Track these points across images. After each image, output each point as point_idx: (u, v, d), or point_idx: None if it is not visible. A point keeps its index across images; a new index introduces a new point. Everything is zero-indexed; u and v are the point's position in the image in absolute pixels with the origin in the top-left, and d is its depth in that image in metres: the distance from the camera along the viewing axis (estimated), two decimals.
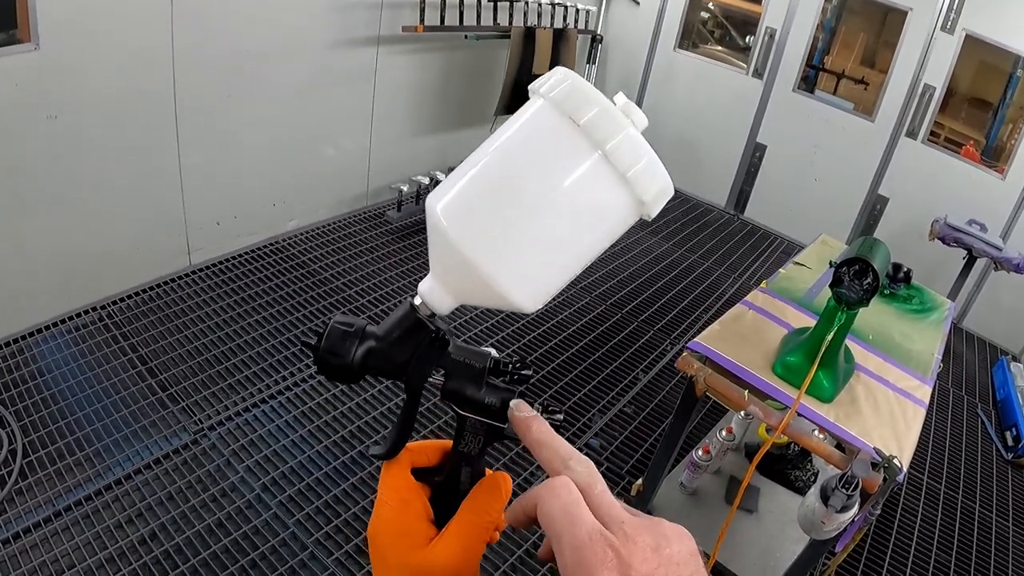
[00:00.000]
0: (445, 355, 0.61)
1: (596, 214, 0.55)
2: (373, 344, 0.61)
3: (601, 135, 0.52)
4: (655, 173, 0.54)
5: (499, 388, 0.60)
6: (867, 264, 1.97)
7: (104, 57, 2.85)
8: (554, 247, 0.56)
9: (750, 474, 2.07)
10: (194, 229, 3.56)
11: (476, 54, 4.71)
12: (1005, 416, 4.04)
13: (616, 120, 0.52)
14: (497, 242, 0.55)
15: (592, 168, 0.53)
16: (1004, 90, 4.78)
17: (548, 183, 0.54)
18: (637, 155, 0.53)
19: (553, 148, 0.54)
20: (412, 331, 0.61)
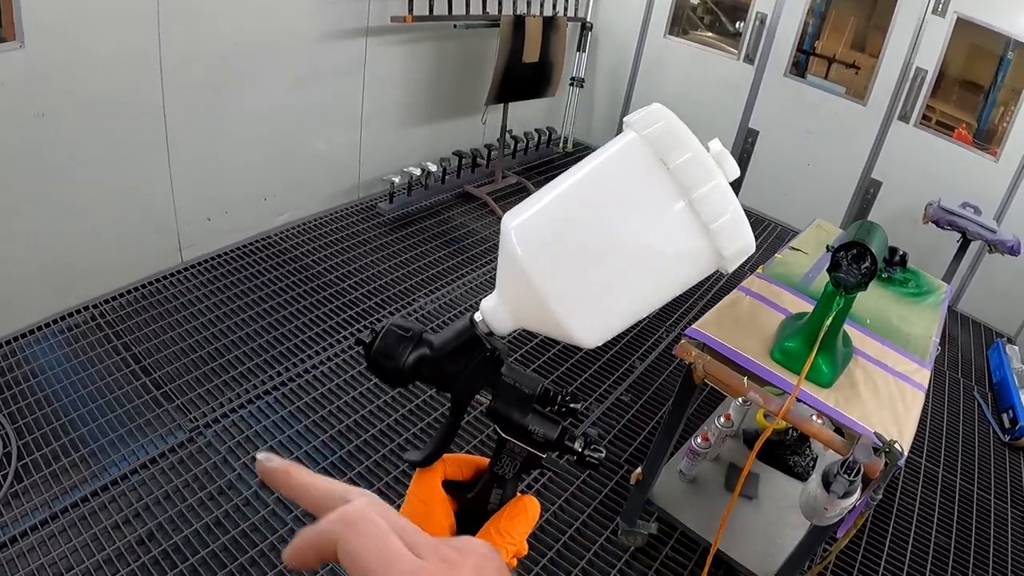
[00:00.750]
0: (497, 375, 0.60)
1: (672, 261, 0.55)
2: (427, 352, 0.60)
3: (690, 182, 0.51)
4: (740, 230, 0.53)
5: (546, 418, 0.59)
6: (865, 248, 1.95)
7: (91, 54, 2.83)
8: (624, 288, 0.55)
9: (751, 461, 2.06)
10: (185, 226, 3.53)
11: (466, 43, 4.68)
12: (1001, 398, 4.05)
13: (707, 167, 0.51)
14: (567, 275, 0.54)
15: (676, 215, 0.52)
16: (996, 72, 4.77)
17: (629, 223, 0.53)
18: (724, 207, 0.52)
19: (638, 187, 0.53)
20: (467, 346, 0.60)
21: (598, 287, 0.55)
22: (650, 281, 0.55)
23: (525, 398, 0.59)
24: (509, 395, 0.59)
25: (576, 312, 0.55)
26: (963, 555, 2.97)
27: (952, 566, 2.90)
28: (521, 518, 0.57)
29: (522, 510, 0.58)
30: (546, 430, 0.58)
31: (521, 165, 5.60)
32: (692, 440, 2.62)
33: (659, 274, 0.55)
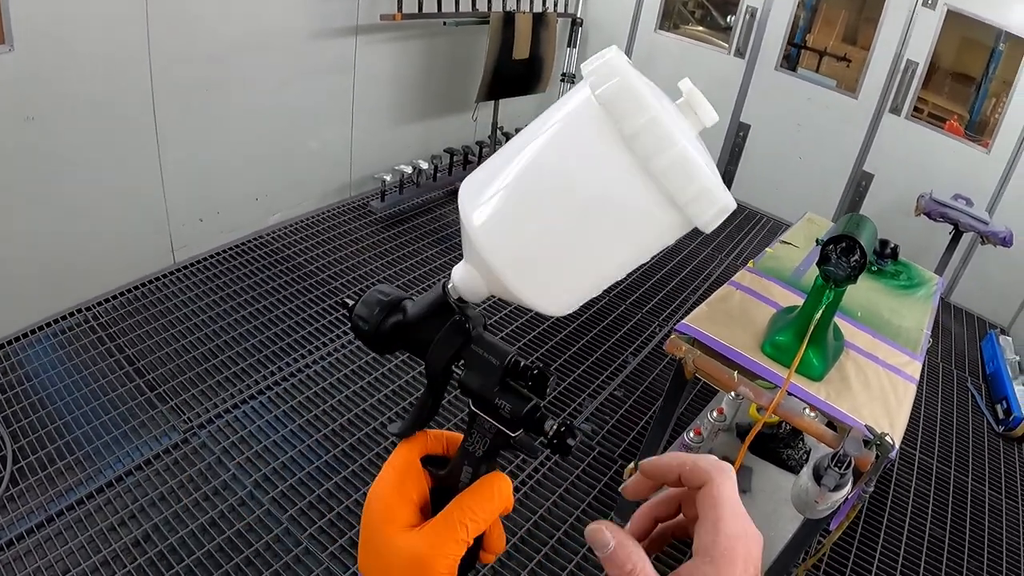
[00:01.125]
0: (467, 345, 0.58)
1: (636, 231, 0.51)
2: (402, 318, 0.60)
3: (648, 151, 0.46)
4: (709, 199, 0.48)
5: (517, 393, 0.56)
6: (854, 241, 1.96)
7: (80, 56, 2.82)
8: (586, 259, 0.52)
9: (743, 454, 2.07)
10: (177, 226, 3.53)
11: (455, 41, 4.68)
12: (995, 389, 4.06)
13: (665, 133, 0.46)
14: (522, 248, 0.52)
15: (636, 186, 0.48)
16: (987, 64, 4.78)
17: (584, 193, 0.50)
18: (688, 179, 0.47)
19: (593, 156, 0.49)
20: (438, 312, 0.59)
21: (556, 259, 0.52)
22: (613, 249, 0.52)
23: (492, 370, 0.57)
24: (478, 366, 0.57)
25: (535, 284, 0.53)
26: (958, 546, 2.98)
27: (947, 558, 2.91)
28: (486, 494, 0.56)
29: (488, 486, 0.57)
30: (514, 405, 0.55)
31: None
32: (685, 434, 2.64)
33: (623, 243, 0.52)
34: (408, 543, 0.54)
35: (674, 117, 0.50)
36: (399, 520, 0.55)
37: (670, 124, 0.46)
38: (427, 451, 0.61)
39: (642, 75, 0.52)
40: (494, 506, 0.56)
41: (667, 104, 0.51)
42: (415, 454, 0.60)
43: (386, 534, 0.55)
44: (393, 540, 0.54)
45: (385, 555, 0.54)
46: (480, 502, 0.56)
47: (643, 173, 0.47)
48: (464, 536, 0.54)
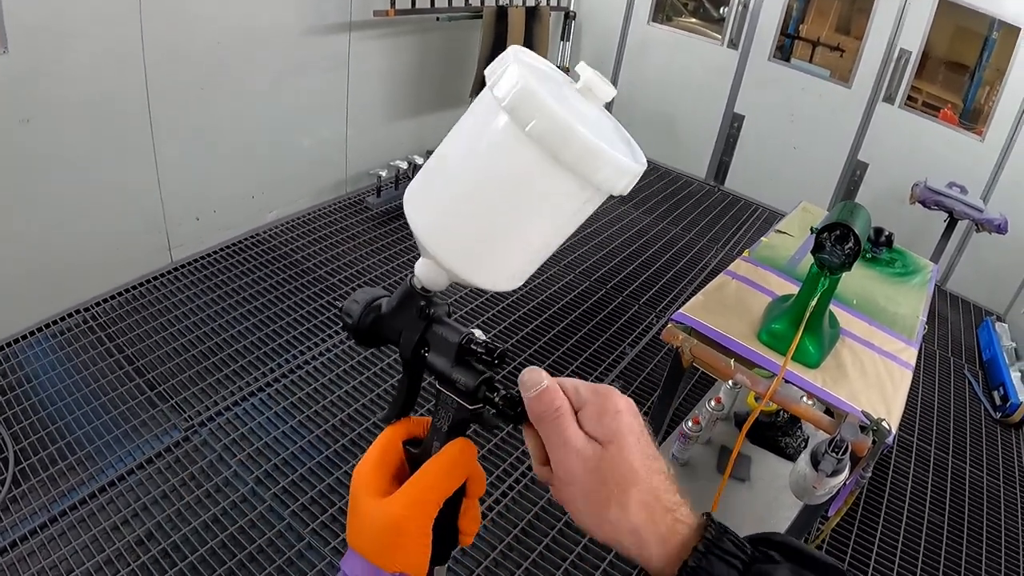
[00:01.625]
0: (428, 328, 0.63)
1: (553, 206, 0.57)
2: (380, 312, 0.67)
3: (555, 147, 0.52)
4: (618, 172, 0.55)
5: (472, 368, 0.62)
6: (848, 229, 1.98)
7: (75, 58, 2.82)
8: (514, 239, 0.59)
9: (740, 443, 2.09)
10: (173, 226, 3.53)
11: (449, 36, 4.68)
12: (992, 376, 4.08)
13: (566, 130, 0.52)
14: (457, 236, 0.59)
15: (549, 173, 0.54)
16: (980, 53, 4.79)
17: (502, 184, 0.56)
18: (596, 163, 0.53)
19: (505, 153, 0.55)
20: (405, 302, 0.65)
21: (490, 243, 0.59)
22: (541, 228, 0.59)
23: (449, 348, 0.62)
24: (438, 346, 0.63)
25: (477, 267, 0.60)
26: (957, 532, 3.00)
27: (946, 542, 2.93)
28: (445, 459, 0.61)
29: (447, 452, 0.62)
30: (467, 379, 0.61)
31: None
32: (683, 424, 2.65)
33: (546, 220, 0.58)
34: (382, 507, 0.59)
35: (574, 102, 0.57)
36: (376, 489, 0.61)
37: (568, 118, 0.52)
38: (409, 434, 0.67)
39: (542, 65, 0.61)
40: (455, 469, 0.61)
41: (567, 91, 0.59)
42: (397, 436, 0.67)
43: (364, 501, 0.61)
44: (369, 505, 0.60)
45: (364, 519, 0.60)
46: (440, 466, 0.61)
47: (554, 163, 0.53)
48: (431, 497, 0.59)
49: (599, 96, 0.58)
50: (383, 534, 0.58)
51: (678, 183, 5.86)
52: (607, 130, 0.59)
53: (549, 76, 0.60)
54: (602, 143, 0.52)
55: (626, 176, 0.55)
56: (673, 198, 5.57)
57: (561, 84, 0.60)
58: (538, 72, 0.58)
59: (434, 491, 0.60)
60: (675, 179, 5.92)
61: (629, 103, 6.04)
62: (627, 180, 0.55)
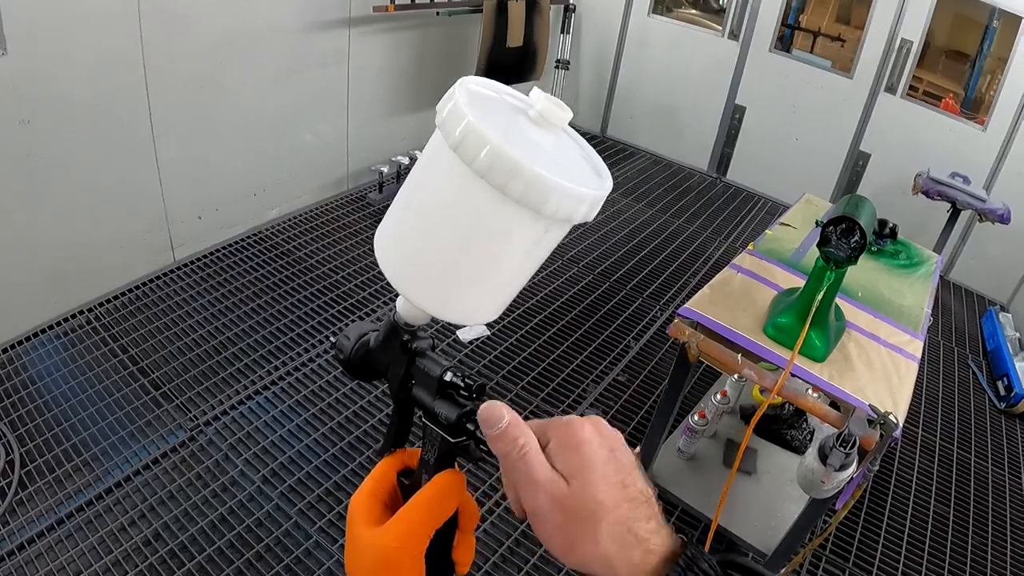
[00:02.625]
0: (412, 363, 0.64)
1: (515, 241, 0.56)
2: (368, 347, 0.68)
3: (500, 182, 0.51)
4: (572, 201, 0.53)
5: (454, 401, 0.62)
6: (854, 222, 1.97)
7: (74, 58, 2.81)
8: (482, 276, 0.59)
9: (748, 436, 2.08)
10: (176, 224, 3.53)
11: (449, 30, 4.67)
12: (996, 366, 4.07)
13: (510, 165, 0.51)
14: (426, 277, 0.59)
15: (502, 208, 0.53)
16: (981, 42, 4.78)
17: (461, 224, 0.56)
18: (544, 195, 0.52)
19: (458, 193, 0.55)
20: (390, 337, 0.65)
21: (459, 282, 0.59)
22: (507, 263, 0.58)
23: (431, 381, 0.62)
24: (421, 380, 0.63)
25: (451, 307, 0.60)
26: (962, 523, 3.00)
27: (952, 534, 2.93)
28: (433, 489, 0.61)
29: (435, 483, 0.62)
30: (447, 412, 0.61)
31: None
32: (689, 417, 2.65)
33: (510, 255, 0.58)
34: (375, 537, 0.60)
35: (527, 132, 0.56)
36: (370, 519, 0.62)
37: (511, 151, 0.50)
38: (404, 465, 0.68)
39: (498, 93, 0.60)
40: (443, 500, 0.61)
41: (521, 121, 0.57)
42: (390, 467, 0.67)
43: (358, 531, 0.61)
44: (364, 536, 0.61)
45: (360, 550, 0.61)
46: (428, 497, 0.61)
47: (503, 198, 0.52)
48: (420, 529, 0.59)
49: (554, 123, 0.57)
50: (377, 565, 0.59)
51: (680, 175, 5.85)
52: (566, 157, 0.58)
53: (503, 105, 0.59)
54: (549, 173, 0.51)
55: (583, 203, 0.54)
56: (675, 190, 5.56)
57: (516, 113, 0.58)
58: (488, 104, 0.57)
59: (423, 523, 0.60)
60: (676, 171, 5.91)
61: (629, 95, 6.03)
62: (585, 207, 0.54)
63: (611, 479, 0.54)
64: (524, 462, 0.55)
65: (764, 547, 2.41)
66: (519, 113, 0.58)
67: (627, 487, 0.55)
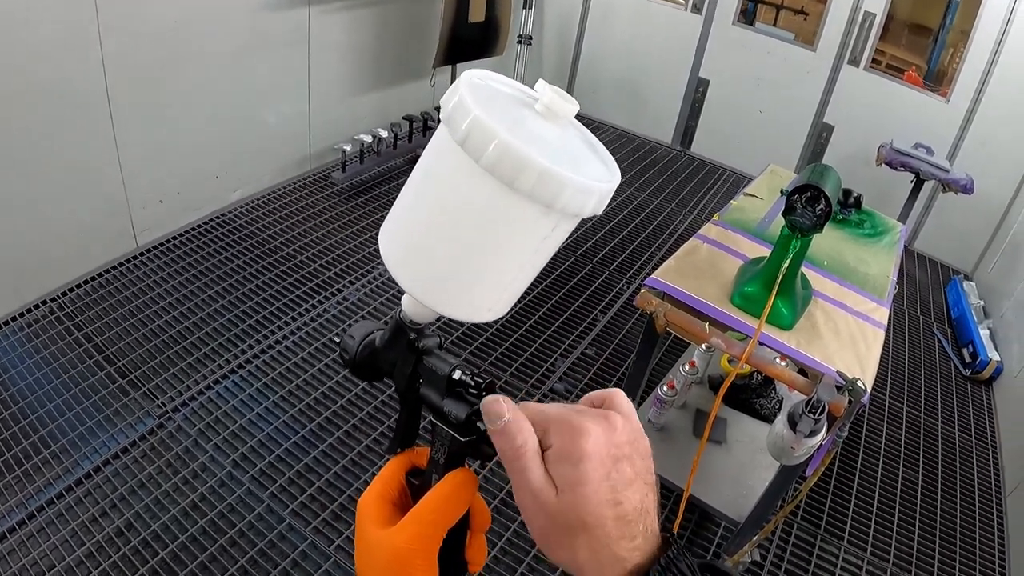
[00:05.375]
0: (419, 361, 0.63)
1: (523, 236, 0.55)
2: (375, 346, 0.67)
3: (508, 177, 0.50)
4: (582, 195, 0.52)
5: (463, 400, 0.61)
6: (819, 190, 1.98)
7: (29, 41, 2.73)
8: (488, 273, 0.58)
9: (717, 406, 2.10)
10: (137, 210, 3.47)
11: (409, 7, 4.63)
12: (960, 334, 4.14)
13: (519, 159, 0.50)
14: (432, 275, 0.58)
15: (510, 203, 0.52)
16: (944, 15, 4.82)
17: (468, 220, 0.54)
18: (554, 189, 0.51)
19: (464, 187, 0.53)
20: (397, 336, 0.65)
21: (464, 278, 0.58)
22: (514, 259, 0.57)
23: (439, 380, 0.62)
24: (429, 379, 0.63)
25: (456, 303, 0.59)
26: (931, 488, 3.05)
27: (920, 498, 2.98)
28: (444, 488, 0.60)
29: (446, 482, 0.61)
30: (456, 410, 0.60)
31: None
32: (659, 389, 2.66)
33: (519, 251, 0.57)
34: (386, 538, 0.59)
35: (531, 125, 0.55)
36: (380, 520, 0.61)
37: (520, 145, 0.50)
38: (412, 465, 0.67)
39: (501, 85, 0.60)
40: (454, 500, 0.60)
41: (526, 113, 0.57)
42: (399, 467, 0.66)
43: (369, 532, 0.61)
44: (375, 536, 0.60)
45: (371, 551, 0.60)
46: (440, 496, 0.60)
47: (512, 192, 0.51)
48: (431, 530, 0.59)
49: (560, 115, 0.56)
50: (390, 566, 0.59)
51: (644, 149, 5.86)
52: (573, 149, 0.57)
53: (507, 98, 0.58)
54: (559, 167, 0.50)
55: (592, 196, 0.53)
56: (639, 164, 5.57)
57: (521, 106, 0.58)
58: (493, 97, 0.56)
59: (436, 523, 0.59)
60: (641, 145, 5.92)
61: (592, 70, 6.02)
62: (595, 200, 0.53)
63: (603, 497, 0.53)
64: (520, 463, 0.55)
65: (736, 515, 2.44)
66: (524, 106, 0.58)
67: (620, 504, 0.54)
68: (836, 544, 2.71)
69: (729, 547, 2.47)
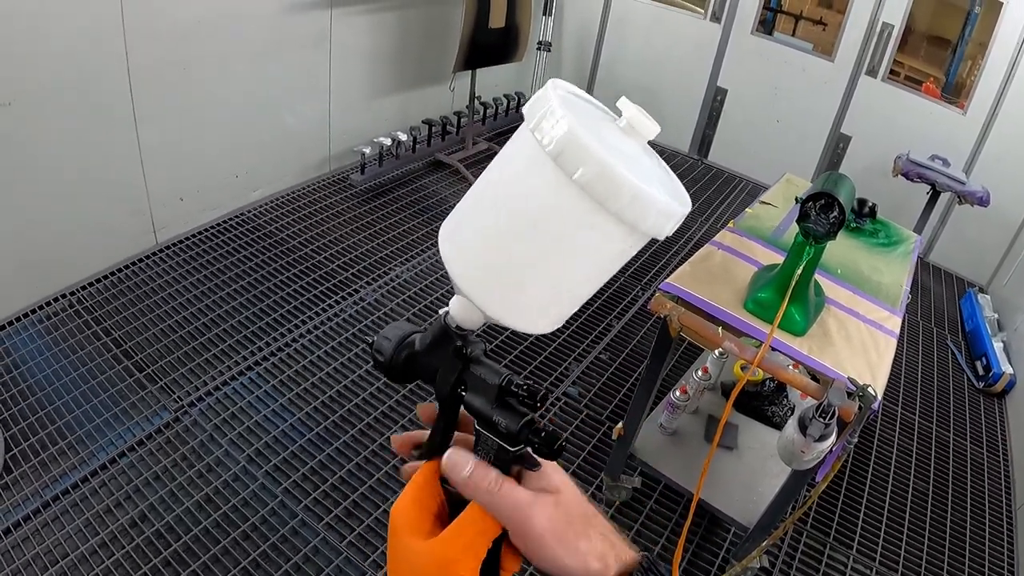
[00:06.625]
0: (466, 368, 0.62)
1: (596, 252, 0.55)
2: (413, 349, 0.65)
3: (602, 196, 0.50)
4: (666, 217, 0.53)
5: (512, 410, 0.60)
6: (833, 198, 1.99)
7: (54, 39, 2.78)
8: (556, 284, 0.57)
9: (727, 411, 2.11)
10: (158, 207, 3.51)
11: (431, 11, 4.67)
12: (974, 346, 4.13)
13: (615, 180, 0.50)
14: (497, 281, 0.57)
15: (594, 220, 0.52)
16: (963, 27, 4.81)
17: (546, 229, 0.54)
18: (643, 210, 0.51)
19: (549, 198, 0.53)
20: (440, 341, 0.63)
21: (530, 288, 0.57)
22: (583, 273, 0.57)
23: (489, 389, 0.60)
24: (476, 387, 0.61)
25: (514, 311, 0.58)
26: (941, 499, 3.05)
27: (931, 509, 2.98)
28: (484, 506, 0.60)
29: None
30: (509, 421, 0.59)
31: (491, 131, 5.58)
32: (671, 394, 2.67)
33: (588, 266, 0.56)
34: (430, 548, 0.57)
35: (614, 140, 0.55)
36: (420, 529, 0.59)
37: (617, 165, 0.49)
38: None
39: (581, 97, 0.59)
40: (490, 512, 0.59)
41: (606, 127, 0.56)
42: (435, 472, 0.63)
43: (408, 543, 0.59)
44: (415, 546, 0.58)
45: (411, 561, 0.58)
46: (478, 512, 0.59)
47: (600, 211, 0.51)
48: (481, 539, 0.58)
49: (642, 134, 0.56)
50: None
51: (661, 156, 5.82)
52: (648, 168, 0.58)
53: (589, 111, 0.58)
54: (651, 189, 0.51)
55: (672, 219, 0.53)
56: None
57: (600, 120, 0.57)
58: (580, 110, 0.55)
59: (484, 532, 0.58)
60: (658, 153, 5.89)
61: (611, 77, 6.03)
62: (673, 223, 0.54)
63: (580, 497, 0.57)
64: (503, 491, 0.57)
65: (746, 520, 2.44)
66: (604, 120, 0.58)
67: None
68: (845, 552, 2.72)
69: (738, 552, 2.47)
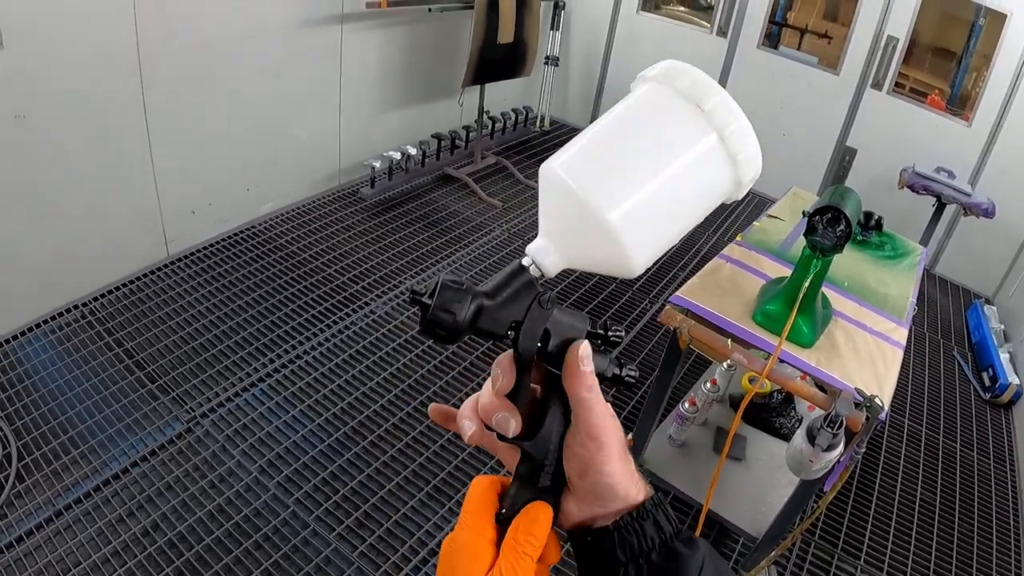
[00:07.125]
0: (552, 317, 0.61)
1: (704, 187, 0.60)
2: (483, 302, 0.59)
3: (720, 123, 0.58)
4: (756, 160, 0.61)
5: (603, 355, 0.63)
6: (839, 211, 2.01)
7: (70, 52, 2.82)
8: (677, 220, 0.61)
9: (736, 423, 2.12)
10: (170, 219, 3.55)
11: (440, 26, 4.71)
12: (981, 358, 4.13)
13: (732, 109, 0.58)
14: (618, 200, 0.57)
15: (708, 147, 0.58)
16: (967, 39, 4.83)
17: (669, 153, 0.59)
18: (745, 142, 0.59)
19: (675, 125, 0.59)
20: (522, 292, 0.60)
21: (644, 209, 0.57)
22: (687, 203, 0.60)
23: (579, 333, 0.61)
24: (561, 334, 0.61)
25: (629, 234, 0.57)
26: (948, 510, 3.05)
27: (938, 520, 2.98)
28: (534, 522, 0.59)
29: (533, 516, 0.59)
30: (602, 365, 0.62)
31: (499, 145, 5.63)
32: (680, 405, 2.69)
33: (700, 203, 0.61)
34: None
35: None
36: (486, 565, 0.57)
37: (733, 102, 0.59)
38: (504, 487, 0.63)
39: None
40: (543, 531, 0.59)
41: None
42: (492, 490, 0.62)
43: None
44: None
45: None
46: (531, 529, 0.59)
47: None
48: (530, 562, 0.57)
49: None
50: None
51: None
52: None
53: None
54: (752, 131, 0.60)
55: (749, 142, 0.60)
56: None
57: None
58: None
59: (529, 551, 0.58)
60: None
61: (619, 91, 5.99)
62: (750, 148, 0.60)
63: None
64: (597, 396, 0.61)
65: (754, 531, 2.46)
66: None
67: None
68: (852, 563, 2.72)
69: (747, 563, 2.48)
